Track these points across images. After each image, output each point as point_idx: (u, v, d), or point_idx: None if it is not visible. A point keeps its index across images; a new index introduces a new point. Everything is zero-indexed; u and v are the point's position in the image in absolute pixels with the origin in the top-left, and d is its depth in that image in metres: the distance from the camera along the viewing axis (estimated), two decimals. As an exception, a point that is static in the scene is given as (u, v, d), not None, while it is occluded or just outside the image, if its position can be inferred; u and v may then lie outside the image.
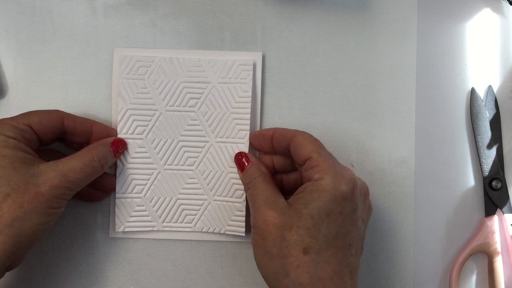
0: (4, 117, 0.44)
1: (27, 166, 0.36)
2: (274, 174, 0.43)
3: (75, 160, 0.38)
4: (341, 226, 0.35)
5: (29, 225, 0.35)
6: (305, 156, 0.38)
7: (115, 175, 0.44)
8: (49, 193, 0.36)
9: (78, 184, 0.38)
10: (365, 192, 0.39)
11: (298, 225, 0.35)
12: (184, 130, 0.44)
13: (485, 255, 0.46)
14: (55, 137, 0.41)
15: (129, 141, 0.44)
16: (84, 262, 0.44)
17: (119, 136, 0.44)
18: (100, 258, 0.45)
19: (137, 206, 0.44)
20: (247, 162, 0.42)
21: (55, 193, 0.37)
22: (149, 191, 0.44)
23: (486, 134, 0.46)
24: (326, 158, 0.37)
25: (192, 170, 0.44)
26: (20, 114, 0.39)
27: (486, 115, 0.46)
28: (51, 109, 0.41)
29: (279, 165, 0.43)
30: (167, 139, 0.44)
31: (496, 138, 0.46)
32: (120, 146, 0.43)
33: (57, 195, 0.37)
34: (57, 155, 0.42)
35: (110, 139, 0.43)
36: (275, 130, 0.42)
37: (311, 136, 0.39)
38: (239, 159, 0.43)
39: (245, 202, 0.44)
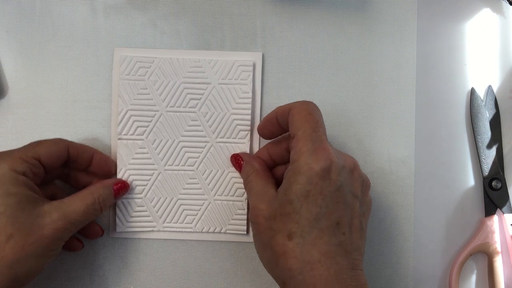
0: (4, 116, 0.44)
1: (33, 206, 0.36)
2: (274, 166, 0.43)
3: (77, 202, 0.38)
4: (323, 206, 0.34)
5: (27, 268, 0.35)
6: (293, 133, 0.37)
7: (101, 228, 0.43)
8: (52, 235, 0.36)
9: (78, 226, 0.38)
10: (352, 167, 0.37)
11: (281, 213, 0.35)
12: (185, 131, 0.44)
13: (485, 255, 0.46)
14: (59, 168, 0.41)
15: (129, 142, 0.44)
16: (84, 262, 0.44)
17: (120, 137, 0.44)
18: (100, 258, 0.45)
19: (138, 206, 0.44)
20: (242, 161, 0.42)
21: (58, 235, 0.37)
22: (149, 192, 0.44)
23: (486, 134, 0.46)
24: (306, 137, 0.36)
25: (193, 171, 0.44)
26: (27, 146, 0.39)
27: (486, 115, 0.46)
28: (55, 138, 0.40)
29: (276, 156, 0.42)
30: (168, 140, 0.44)
31: (496, 138, 0.46)
32: (122, 190, 0.43)
33: (59, 237, 0.37)
34: (55, 187, 0.42)
35: (113, 181, 0.42)
36: (277, 109, 0.40)
37: (306, 108, 0.38)
38: (235, 161, 0.43)
39: (246, 200, 0.44)
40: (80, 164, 0.41)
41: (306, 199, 0.35)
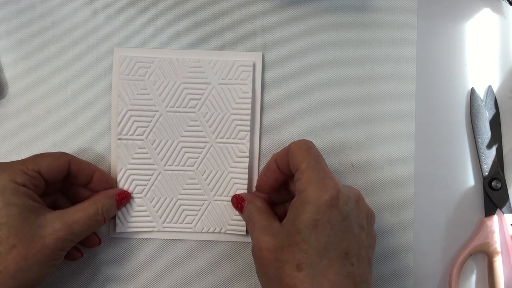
0: (4, 116, 0.44)
1: (34, 215, 0.36)
2: (272, 205, 0.43)
3: (80, 212, 0.38)
4: (331, 235, 0.34)
5: (30, 278, 0.35)
6: (296, 166, 0.37)
7: (98, 237, 0.43)
8: (54, 245, 0.36)
9: (80, 236, 0.39)
10: (357, 198, 0.37)
11: (289, 243, 0.35)
12: (185, 131, 0.44)
13: (485, 255, 0.46)
14: (60, 181, 0.41)
15: (129, 142, 0.44)
16: (84, 262, 0.44)
17: (120, 137, 0.44)
18: (100, 258, 0.45)
19: (138, 206, 0.44)
20: (243, 202, 0.42)
21: (60, 245, 0.37)
22: (149, 192, 0.44)
23: (486, 134, 0.46)
24: (312, 168, 0.36)
25: (193, 171, 0.44)
26: (29, 158, 0.38)
27: (486, 115, 0.46)
28: (57, 151, 0.40)
29: (274, 197, 0.43)
30: (168, 140, 0.44)
31: (496, 138, 0.46)
32: (124, 200, 0.43)
33: (61, 247, 0.37)
34: (56, 196, 0.42)
35: (116, 191, 0.43)
36: (274, 155, 0.41)
37: (305, 144, 0.38)
38: (236, 202, 0.43)
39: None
40: (80, 180, 0.41)
41: (315, 228, 0.34)
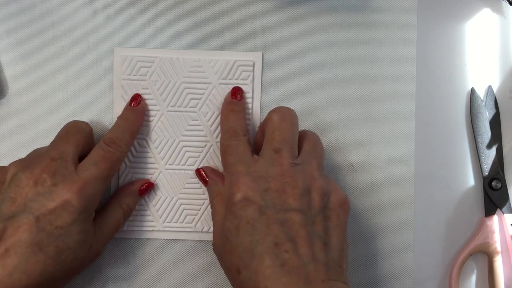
0: (4, 116, 0.44)
1: (90, 238, 0.38)
2: None
3: (112, 219, 0.41)
4: (254, 234, 0.34)
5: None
6: None
7: None
8: (92, 260, 0.40)
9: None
10: (280, 187, 0.35)
11: (225, 250, 0.36)
12: (185, 130, 0.44)
13: (485, 255, 0.46)
14: None
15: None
16: (84, 262, 0.44)
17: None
18: (100, 258, 0.44)
19: (139, 205, 0.44)
20: (207, 177, 0.43)
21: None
22: (150, 191, 0.44)
23: (486, 134, 0.46)
24: (229, 171, 0.38)
25: (193, 170, 0.44)
26: (86, 165, 0.38)
27: (486, 115, 0.46)
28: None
29: None
30: (168, 139, 0.44)
31: (496, 138, 0.46)
32: (147, 191, 0.44)
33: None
34: None
35: (138, 186, 0.43)
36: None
37: (223, 149, 0.40)
38: (199, 176, 0.44)
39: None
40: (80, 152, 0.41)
41: (237, 232, 0.35)
